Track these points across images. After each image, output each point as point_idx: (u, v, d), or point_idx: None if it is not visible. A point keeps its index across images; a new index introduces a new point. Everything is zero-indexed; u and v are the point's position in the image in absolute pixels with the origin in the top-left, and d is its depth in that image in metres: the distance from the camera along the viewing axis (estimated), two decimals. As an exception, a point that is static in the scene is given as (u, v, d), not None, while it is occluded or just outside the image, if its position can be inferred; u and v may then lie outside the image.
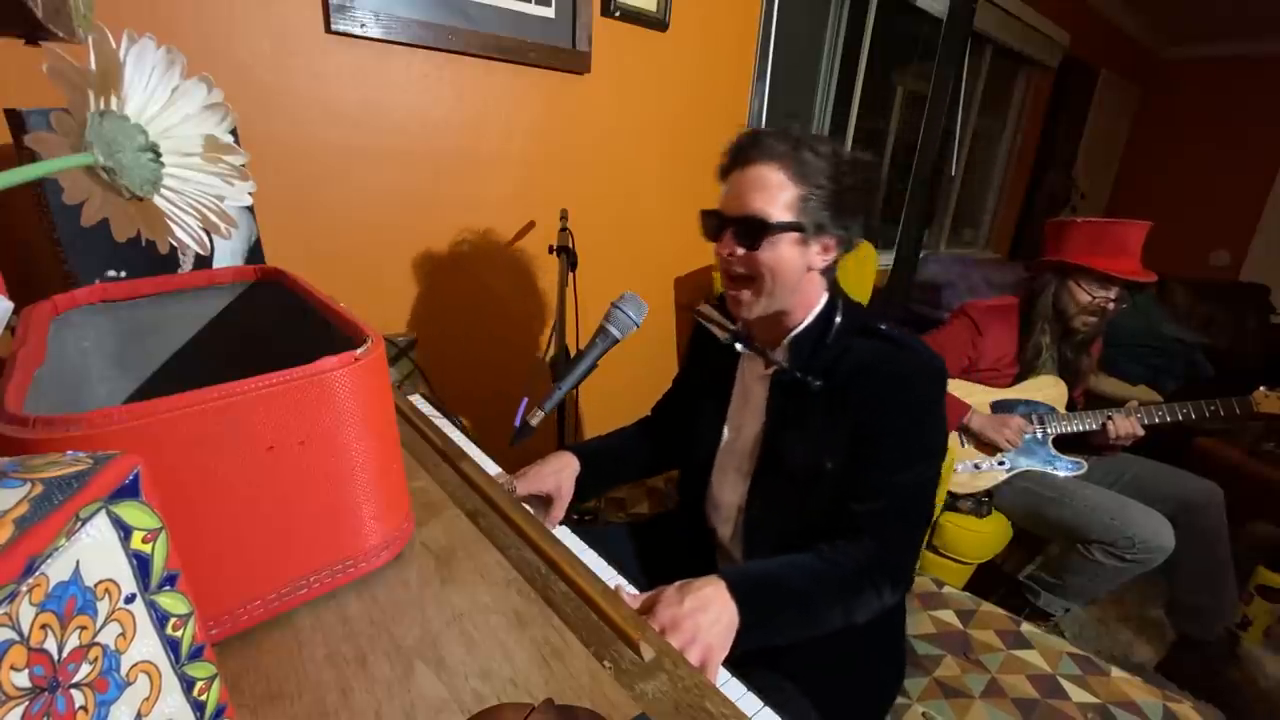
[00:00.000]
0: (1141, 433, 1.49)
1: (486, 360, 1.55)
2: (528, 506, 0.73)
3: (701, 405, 0.98)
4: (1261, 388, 1.44)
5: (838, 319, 0.83)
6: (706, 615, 0.62)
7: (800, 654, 0.74)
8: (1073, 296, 1.49)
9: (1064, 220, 1.52)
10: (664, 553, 0.99)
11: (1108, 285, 1.47)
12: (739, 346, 0.88)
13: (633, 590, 0.68)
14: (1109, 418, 1.50)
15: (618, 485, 1.06)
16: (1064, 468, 1.54)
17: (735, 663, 0.62)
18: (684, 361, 1.09)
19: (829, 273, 0.84)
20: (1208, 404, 1.45)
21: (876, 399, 0.77)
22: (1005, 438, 1.49)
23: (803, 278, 0.80)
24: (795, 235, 0.77)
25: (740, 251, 0.79)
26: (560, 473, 0.91)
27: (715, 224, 0.82)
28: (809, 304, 0.84)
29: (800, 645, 0.72)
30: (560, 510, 0.89)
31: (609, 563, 0.74)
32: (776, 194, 0.76)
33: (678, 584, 0.66)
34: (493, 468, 0.86)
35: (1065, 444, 1.59)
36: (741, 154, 0.80)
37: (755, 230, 0.77)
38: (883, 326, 0.82)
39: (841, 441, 0.80)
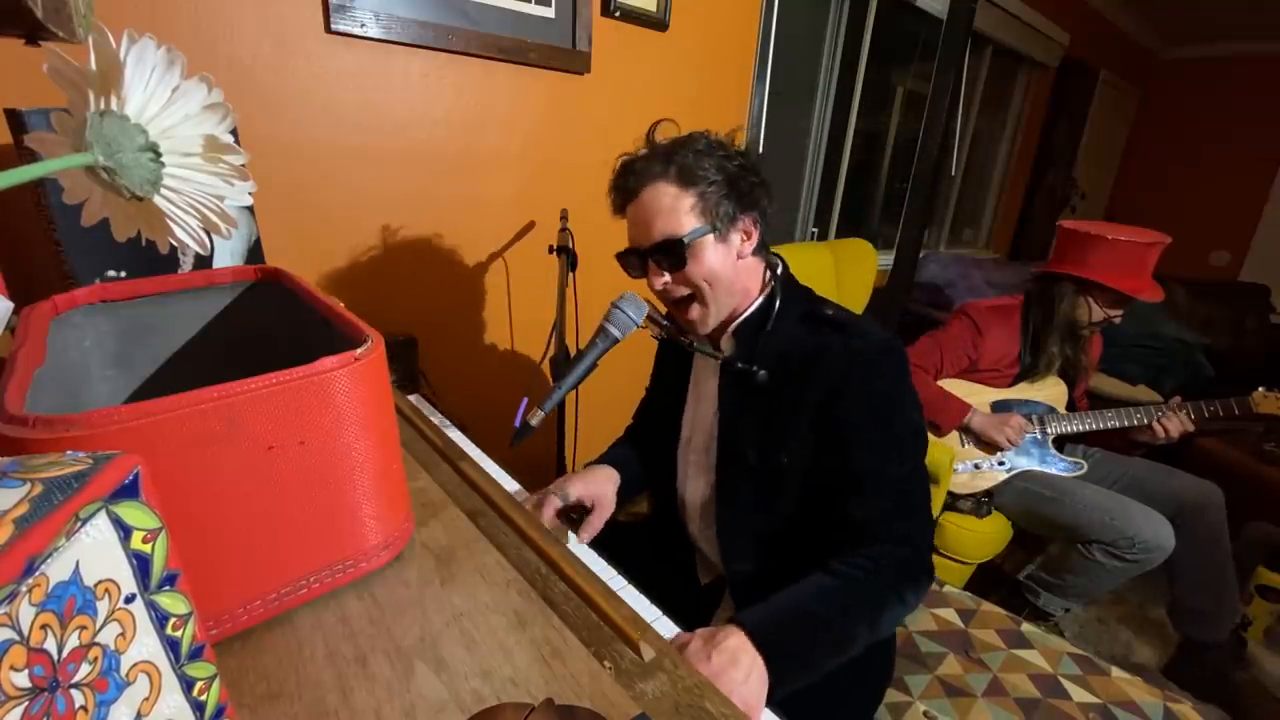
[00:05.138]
0: (1193, 427, 1.46)
1: (486, 360, 1.55)
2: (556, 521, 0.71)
3: (663, 406, 0.97)
4: (1261, 388, 1.43)
5: (777, 303, 0.81)
6: (738, 671, 0.60)
7: None
8: (1089, 310, 1.48)
9: (1086, 232, 1.44)
10: (646, 555, 0.94)
11: (1124, 304, 1.46)
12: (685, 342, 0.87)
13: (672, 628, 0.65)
14: (1158, 418, 1.46)
15: (640, 495, 1.02)
16: (1063, 468, 1.54)
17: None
18: (654, 368, 1.08)
19: (761, 253, 0.83)
20: (1207, 404, 1.44)
21: (841, 391, 0.75)
22: (1006, 436, 1.49)
23: (736, 270, 0.80)
24: (711, 237, 0.77)
25: (669, 277, 0.79)
26: (602, 485, 0.88)
27: (635, 261, 0.82)
28: (751, 292, 0.83)
29: None
30: (600, 522, 0.85)
31: (609, 562, 0.74)
32: (674, 207, 0.76)
33: (700, 636, 0.63)
34: (492, 467, 0.85)
35: (1098, 436, 1.58)
36: (624, 188, 0.80)
37: (673, 251, 0.76)
38: (829, 311, 0.80)
39: (799, 435, 0.78)
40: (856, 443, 0.75)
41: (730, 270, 0.79)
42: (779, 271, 0.85)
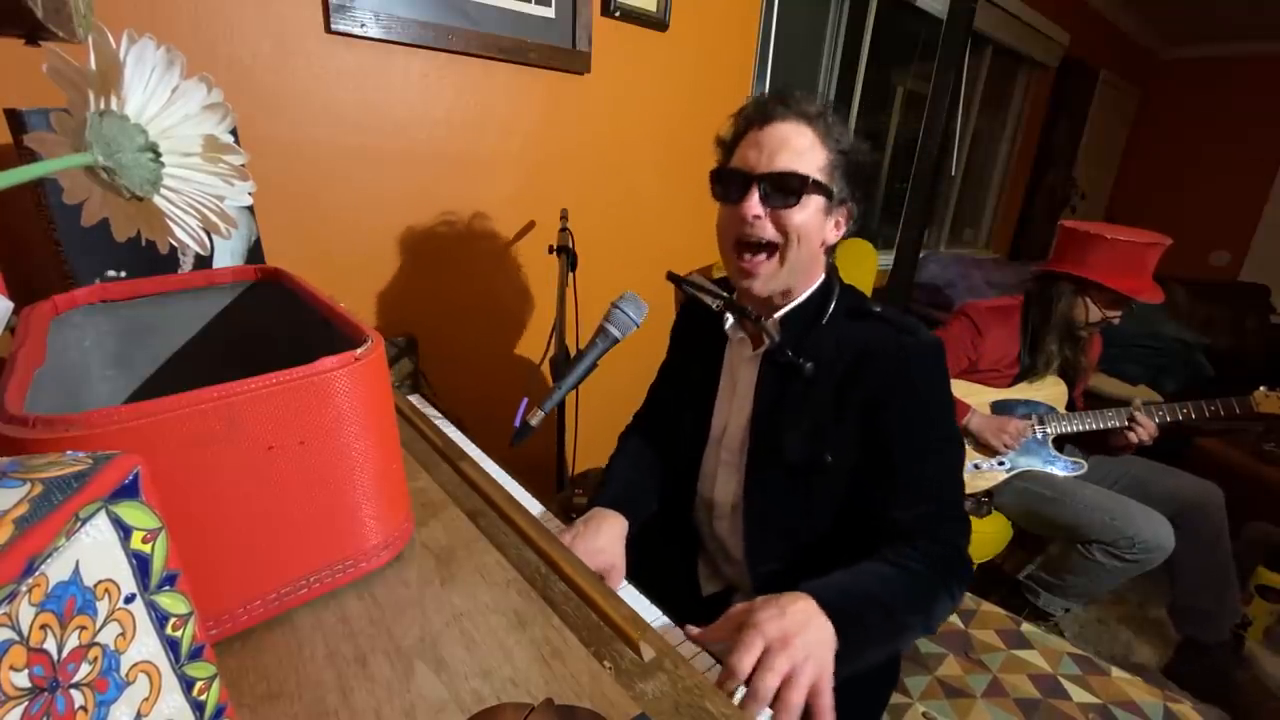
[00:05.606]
0: (1155, 425, 1.46)
1: (486, 360, 1.55)
2: None
3: (685, 398, 0.93)
4: (1261, 388, 1.43)
5: (834, 299, 0.80)
6: (811, 633, 0.57)
7: None
8: (1086, 310, 1.47)
9: (1085, 231, 1.44)
10: (646, 562, 0.85)
11: (1123, 305, 1.46)
12: (729, 319, 0.84)
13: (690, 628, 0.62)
14: (1131, 420, 1.46)
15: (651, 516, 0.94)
16: (1063, 468, 1.54)
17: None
18: (668, 354, 1.03)
19: (830, 253, 0.82)
20: (1208, 404, 1.44)
21: (890, 389, 0.74)
22: (1003, 441, 1.49)
23: (816, 250, 0.77)
24: (823, 201, 0.74)
25: (766, 211, 0.74)
26: (610, 549, 0.78)
27: (738, 183, 0.75)
28: (809, 282, 0.81)
29: None
30: (616, 584, 0.76)
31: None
32: (808, 153, 0.73)
33: (764, 599, 0.60)
34: (492, 467, 0.85)
35: (1081, 444, 1.58)
36: (766, 110, 0.75)
37: (792, 187, 0.72)
38: (877, 308, 0.80)
39: (847, 434, 0.76)
40: (903, 441, 0.75)
41: (815, 243, 0.76)
42: (834, 269, 0.84)
